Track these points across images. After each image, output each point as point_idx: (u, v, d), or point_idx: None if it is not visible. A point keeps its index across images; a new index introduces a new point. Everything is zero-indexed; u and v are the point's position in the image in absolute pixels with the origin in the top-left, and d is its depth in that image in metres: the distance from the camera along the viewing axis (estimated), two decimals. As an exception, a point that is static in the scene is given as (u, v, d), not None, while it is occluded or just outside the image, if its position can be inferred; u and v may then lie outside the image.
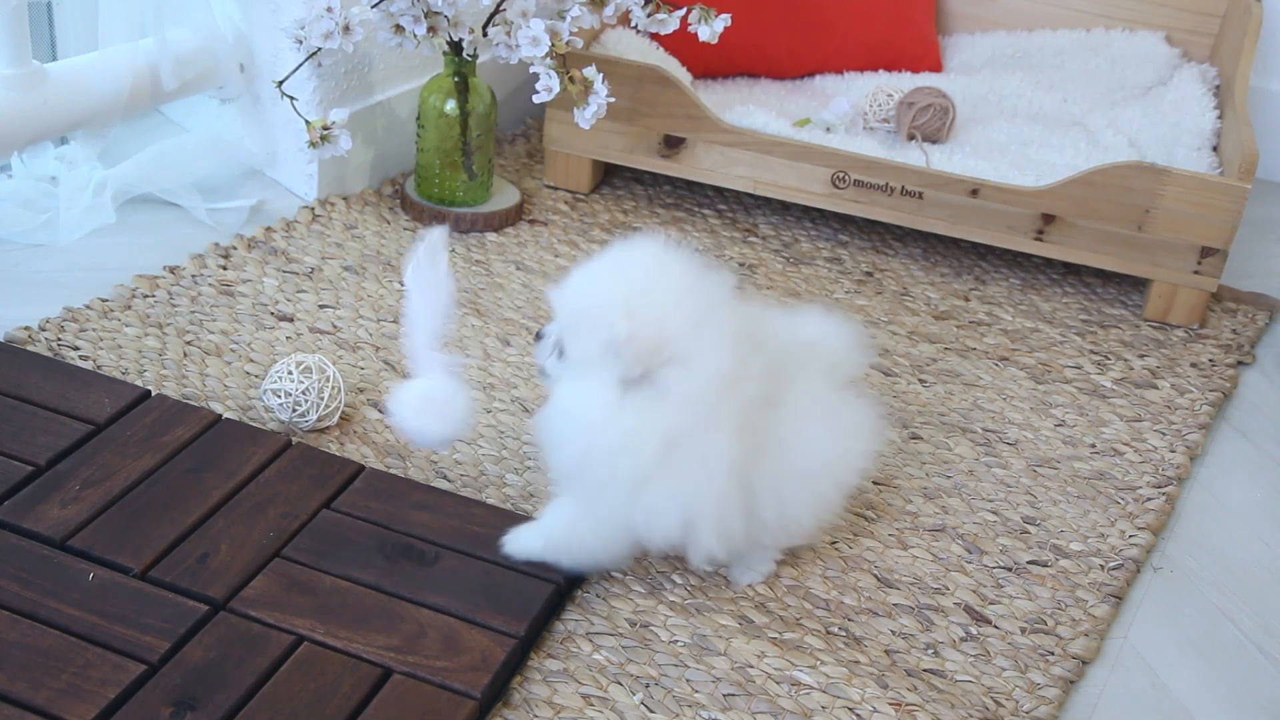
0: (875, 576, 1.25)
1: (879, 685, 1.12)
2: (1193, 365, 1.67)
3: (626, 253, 1.09)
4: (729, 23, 1.66)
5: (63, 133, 1.66)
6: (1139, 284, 1.83)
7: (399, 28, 1.64)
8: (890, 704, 1.11)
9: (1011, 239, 1.76)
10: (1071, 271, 1.85)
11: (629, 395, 1.04)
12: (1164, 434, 1.52)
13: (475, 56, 1.71)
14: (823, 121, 1.90)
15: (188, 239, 1.65)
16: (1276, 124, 2.31)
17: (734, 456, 1.07)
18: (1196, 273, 1.72)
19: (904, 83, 2.03)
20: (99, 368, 1.39)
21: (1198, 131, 1.88)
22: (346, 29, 1.61)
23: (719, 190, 1.95)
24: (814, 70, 2.12)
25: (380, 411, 1.38)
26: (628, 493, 1.06)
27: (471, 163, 1.75)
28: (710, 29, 1.66)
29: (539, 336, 1.13)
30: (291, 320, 1.52)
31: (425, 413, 1.12)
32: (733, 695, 1.10)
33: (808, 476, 1.14)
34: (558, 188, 1.90)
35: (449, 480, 1.30)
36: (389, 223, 1.76)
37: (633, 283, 1.06)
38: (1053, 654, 1.19)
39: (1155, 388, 1.61)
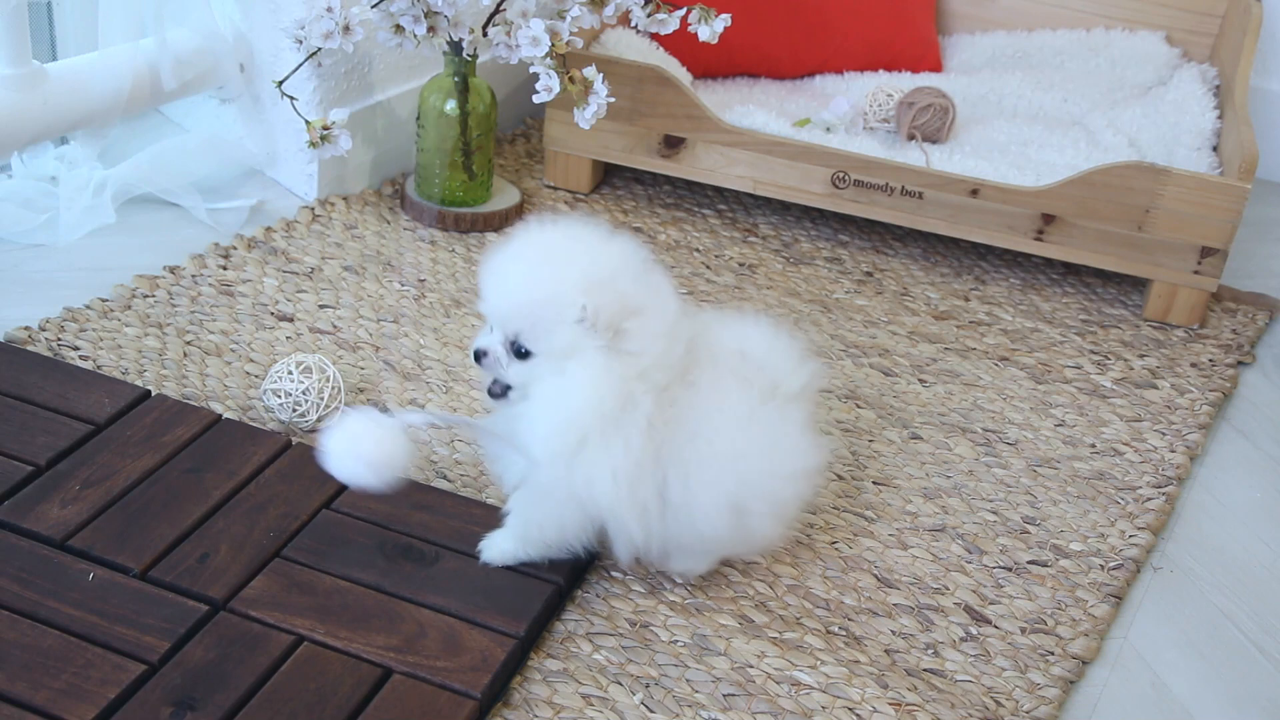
0: (875, 576, 1.25)
1: (879, 685, 1.12)
2: (1193, 365, 1.67)
3: (540, 236, 1.09)
4: (729, 23, 1.66)
5: (63, 133, 1.66)
6: (1139, 284, 1.83)
7: (399, 28, 1.64)
8: (890, 704, 1.11)
9: (1011, 239, 1.76)
10: (1071, 271, 1.86)
11: (612, 360, 1.05)
12: (1164, 434, 1.52)
13: (475, 56, 1.71)
14: (823, 121, 1.90)
15: (188, 239, 1.65)
16: (1276, 124, 2.31)
17: (649, 419, 1.07)
18: (1196, 273, 1.72)
19: (904, 83, 2.03)
20: (99, 368, 1.39)
21: (1198, 131, 1.88)
22: (346, 29, 1.61)
23: (719, 190, 1.95)
24: (814, 70, 2.12)
25: (380, 411, 1.37)
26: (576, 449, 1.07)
27: (471, 163, 1.75)
28: (710, 29, 1.66)
29: (481, 356, 1.09)
30: (291, 320, 1.52)
31: (351, 454, 1.07)
32: (733, 695, 1.10)
33: (715, 477, 1.11)
34: (558, 188, 1.90)
35: (449, 480, 1.30)
36: (389, 223, 1.76)
37: (571, 256, 1.06)
38: (1053, 654, 1.19)
39: (1155, 388, 1.61)
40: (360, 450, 1.06)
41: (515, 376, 1.08)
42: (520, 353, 1.07)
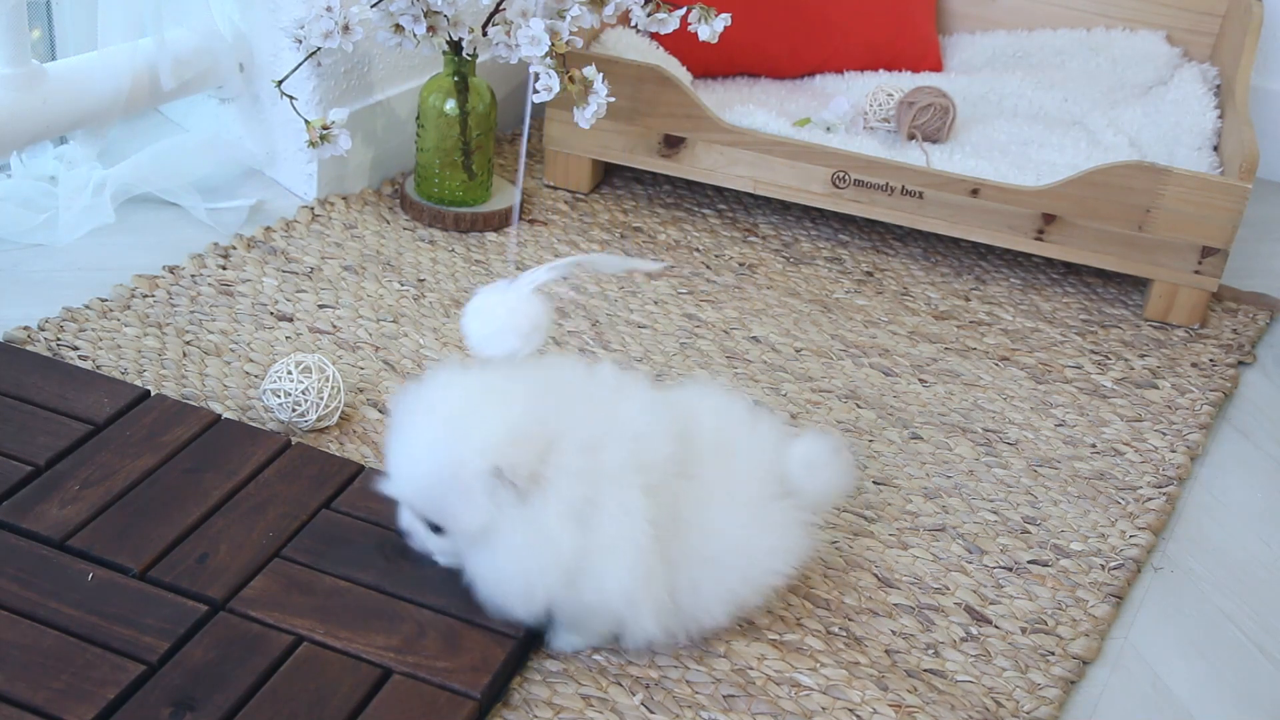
0: (875, 576, 1.25)
1: (879, 687, 1.12)
2: (1193, 365, 1.67)
3: (425, 402, 1.02)
4: (729, 22, 1.66)
5: (62, 132, 1.66)
6: (1139, 284, 1.83)
7: (399, 27, 1.64)
8: (890, 705, 1.10)
9: (1012, 239, 1.76)
10: (1072, 271, 1.85)
11: (529, 510, 0.99)
12: (1164, 434, 1.52)
13: (475, 56, 1.70)
14: (823, 121, 1.90)
15: (187, 239, 1.65)
16: (1277, 123, 2.30)
17: (649, 514, 1.02)
18: (1197, 272, 1.72)
19: (904, 82, 2.03)
20: (98, 368, 1.39)
21: (1198, 131, 1.87)
22: (346, 28, 1.61)
23: (719, 190, 1.95)
24: (814, 70, 2.12)
25: (380, 411, 1.38)
26: (567, 584, 1.02)
27: (471, 162, 1.75)
28: (710, 29, 1.66)
29: (404, 536, 1.06)
30: (291, 320, 1.52)
31: (499, 330, 1.06)
32: (733, 696, 1.09)
33: (721, 575, 1.08)
34: (558, 187, 1.90)
35: (449, 480, 1.30)
36: (389, 223, 1.76)
37: (465, 423, 1.00)
38: (1053, 654, 1.19)
39: (1156, 388, 1.61)
40: (507, 323, 1.05)
41: (444, 549, 1.06)
42: (436, 529, 1.04)
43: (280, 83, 1.65)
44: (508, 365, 1.06)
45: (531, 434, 1.00)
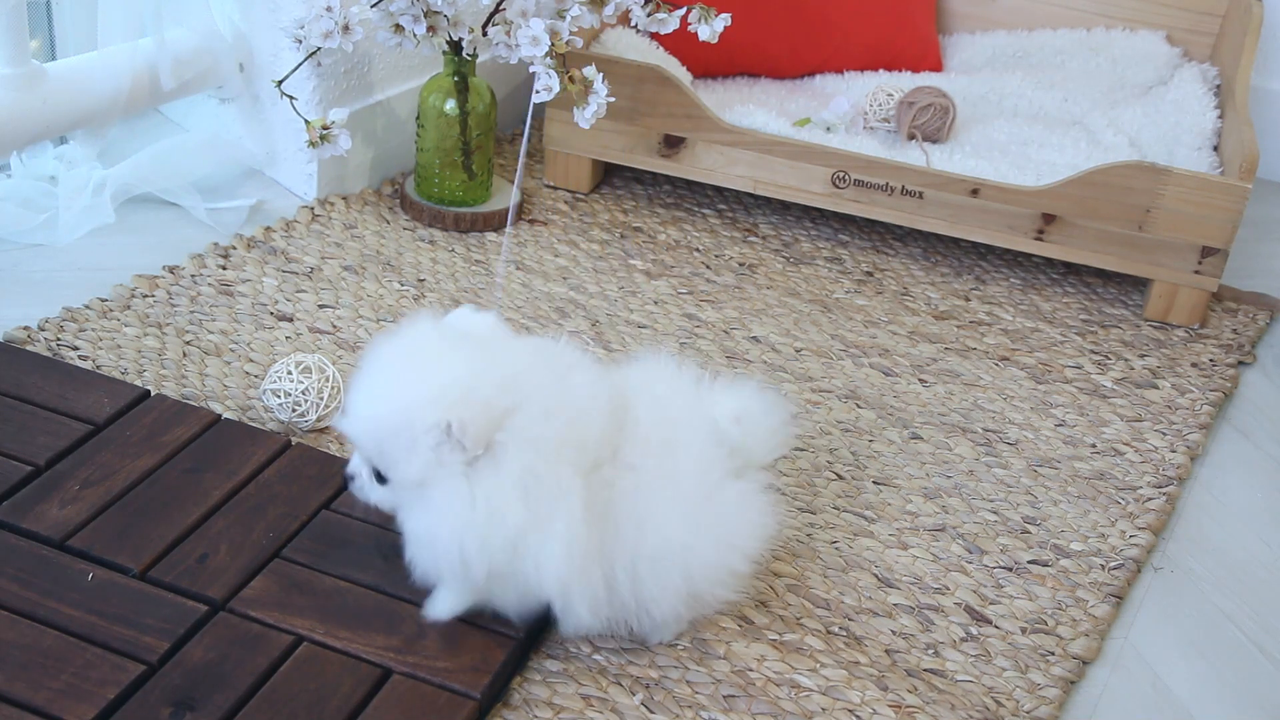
0: (875, 576, 1.25)
1: (879, 688, 1.12)
2: (1193, 365, 1.67)
3: (391, 351, 1.01)
4: (729, 22, 1.66)
5: (62, 132, 1.66)
6: (1139, 284, 1.83)
7: (399, 27, 1.64)
8: (890, 705, 1.10)
9: (1012, 239, 1.76)
10: (1072, 271, 1.85)
11: (474, 475, 0.97)
12: (1164, 434, 1.52)
13: (475, 56, 1.70)
14: (823, 121, 1.90)
15: (187, 239, 1.65)
16: (1277, 123, 2.30)
17: (583, 495, 1.00)
18: (1197, 272, 1.72)
19: (904, 82, 2.03)
20: (98, 368, 1.39)
21: (1198, 131, 1.87)
22: (346, 28, 1.61)
23: (719, 190, 1.95)
24: (814, 70, 2.12)
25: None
26: (508, 559, 1.00)
27: (471, 162, 1.75)
28: (710, 29, 1.66)
29: (348, 480, 1.05)
30: (291, 320, 1.52)
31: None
32: (733, 697, 1.09)
33: (664, 570, 1.05)
34: (558, 187, 1.90)
35: (449, 480, 1.30)
36: (389, 223, 1.76)
37: (422, 372, 0.98)
38: (1053, 654, 1.19)
39: (1156, 388, 1.61)
40: None
41: (382, 498, 1.04)
42: (380, 478, 1.02)
43: (280, 83, 1.65)
44: (485, 329, 1.03)
45: (489, 399, 0.97)
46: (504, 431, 0.97)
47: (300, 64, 1.66)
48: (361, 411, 1.01)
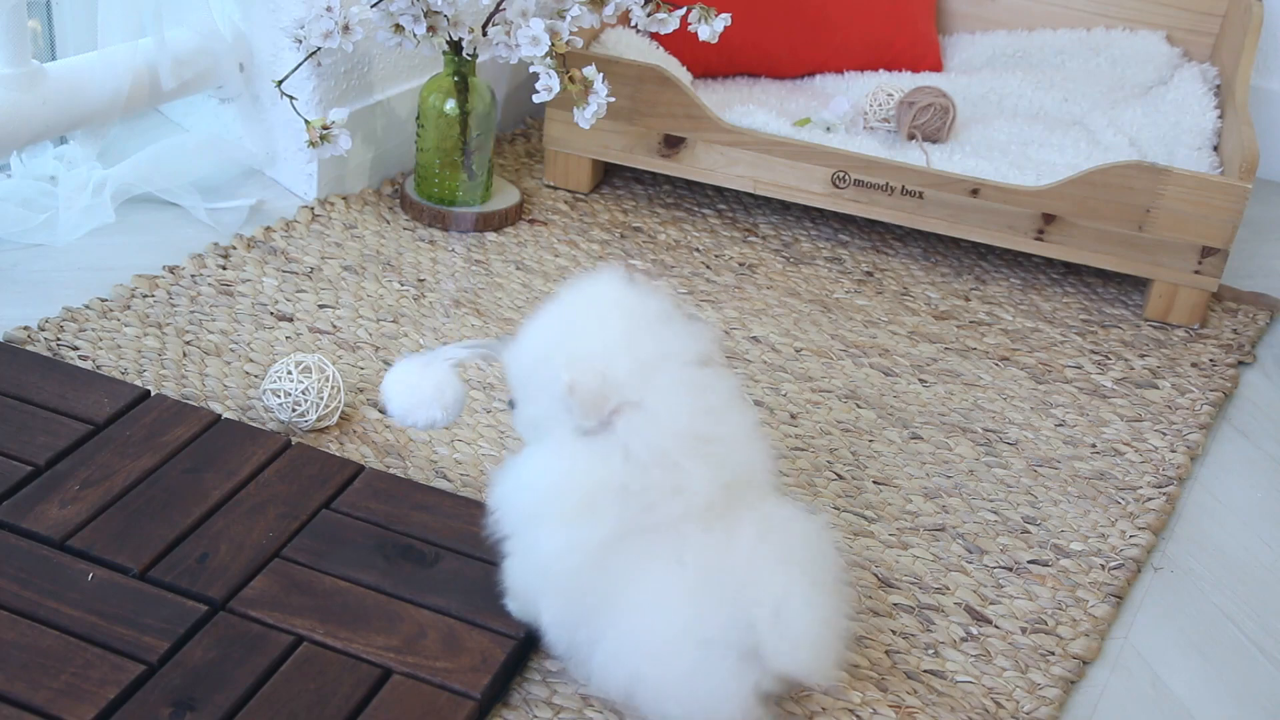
0: (875, 576, 1.25)
1: (879, 689, 1.12)
2: (1193, 365, 1.67)
3: (574, 295, 1.02)
4: (729, 22, 1.66)
5: (62, 132, 1.66)
6: (1139, 284, 1.83)
7: (399, 27, 1.64)
8: (890, 706, 1.10)
9: (1012, 239, 1.76)
10: (1072, 271, 1.85)
11: (584, 445, 0.97)
12: (1164, 434, 1.52)
13: (475, 56, 1.70)
14: (823, 121, 1.90)
15: (187, 239, 1.65)
16: (1277, 123, 2.30)
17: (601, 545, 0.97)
18: (1197, 272, 1.72)
19: (904, 82, 2.03)
20: (98, 368, 1.39)
21: (1198, 131, 1.87)
22: (346, 28, 1.61)
23: (719, 190, 1.95)
24: (814, 70, 2.12)
25: (380, 412, 1.37)
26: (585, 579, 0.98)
27: (471, 162, 1.75)
28: (710, 29, 1.66)
29: (512, 404, 1.06)
30: (291, 320, 1.52)
31: (422, 402, 1.09)
32: (733, 696, 1.09)
33: (616, 650, 1.00)
34: (558, 187, 1.90)
35: (449, 480, 1.30)
36: (389, 222, 1.76)
37: (576, 327, 0.99)
38: (1053, 654, 1.19)
39: (1156, 388, 1.61)
40: (432, 396, 1.08)
41: (520, 430, 1.06)
42: (511, 401, 1.05)
43: (280, 83, 1.65)
44: (668, 304, 1.02)
45: (619, 382, 0.96)
46: (619, 417, 0.96)
47: (300, 64, 1.65)
48: (522, 341, 1.03)
